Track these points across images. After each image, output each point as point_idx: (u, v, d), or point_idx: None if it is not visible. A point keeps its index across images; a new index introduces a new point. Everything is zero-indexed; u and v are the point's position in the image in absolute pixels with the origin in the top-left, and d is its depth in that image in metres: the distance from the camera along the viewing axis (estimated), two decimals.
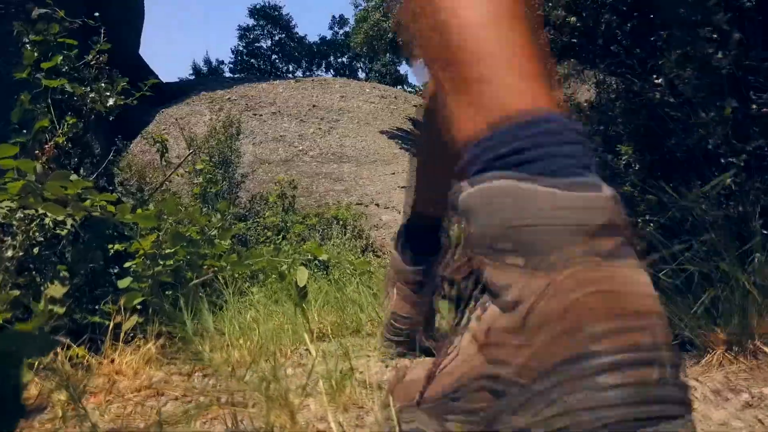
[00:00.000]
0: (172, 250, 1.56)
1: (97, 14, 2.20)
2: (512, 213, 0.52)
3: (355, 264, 3.81)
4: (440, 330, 0.95)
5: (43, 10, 10.10)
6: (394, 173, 9.97)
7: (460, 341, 0.60)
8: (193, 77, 29.57)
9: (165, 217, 1.77)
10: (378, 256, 7.69)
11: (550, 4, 2.39)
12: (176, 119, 12.13)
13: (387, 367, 1.27)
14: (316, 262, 3.76)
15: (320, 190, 9.42)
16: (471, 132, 0.59)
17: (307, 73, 29.74)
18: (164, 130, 11.81)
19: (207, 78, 17.81)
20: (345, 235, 7.60)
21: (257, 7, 29.74)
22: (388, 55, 11.39)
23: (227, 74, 30.11)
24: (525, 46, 0.60)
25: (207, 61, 29.61)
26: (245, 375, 0.97)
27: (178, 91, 16.21)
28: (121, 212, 1.50)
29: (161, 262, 1.50)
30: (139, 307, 1.42)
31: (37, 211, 1.33)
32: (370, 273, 3.59)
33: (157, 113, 12.91)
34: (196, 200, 4.62)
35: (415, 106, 14.84)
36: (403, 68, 19.31)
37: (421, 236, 1.36)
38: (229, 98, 13.12)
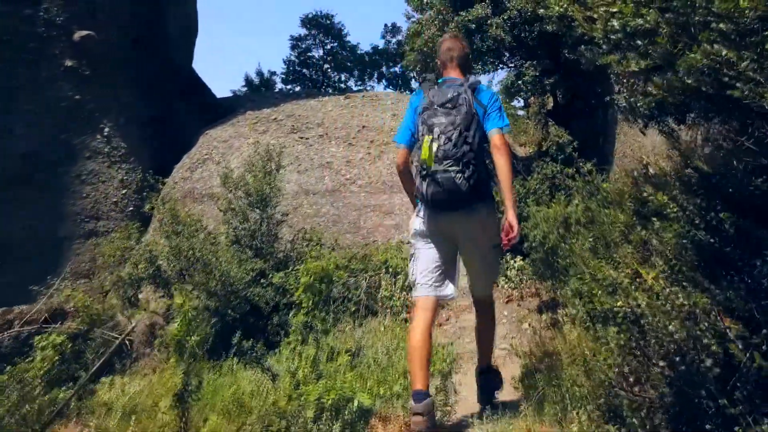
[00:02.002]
0: None
1: None
2: None
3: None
4: None
5: (85, 32, 9.50)
6: None
7: None
8: (245, 89, 29.38)
9: None
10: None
11: None
12: (218, 143, 11.52)
13: None
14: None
15: (368, 225, 8.53)
16: None
17: (359, 83, 29.00)
18: (206, 155, 11.22)
19: (255, 93, 17.29)
20: (395, 285, 6.68)
21: (309, 16, 29.29)
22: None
23: (279, 85, 29.76)
24: None
25: (259, 73, 29.28)
26: None
27: (226, 108, 15.73)
28: None
29: None
30: None
31: None
32: None
33: (201, 135, 12.36)
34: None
35: None
36: None
37: None
38: (275, 118, 12.44)
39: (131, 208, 11.22)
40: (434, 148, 3.20)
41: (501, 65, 9.53)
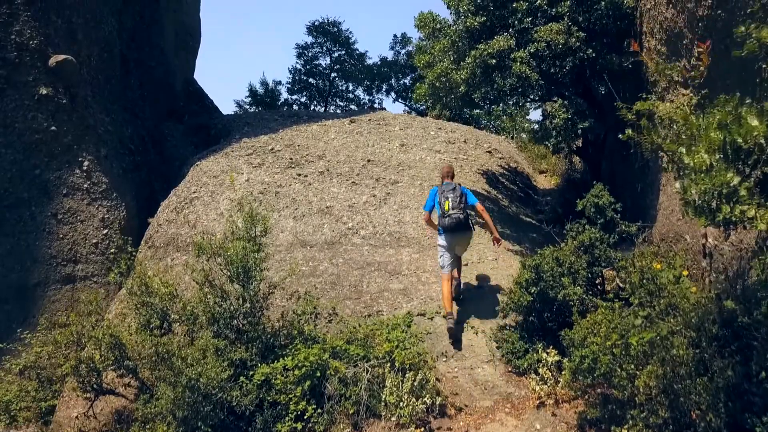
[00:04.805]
0: None
1: None
2: None
3: None
4: None
5: (62, 57, 8.09)
6: (467, 264, 7.79)
7: None
8: (249, 99, 28.36)
9: None
10: (446, 416, 5.57)
11: None
12: (209, 178, 10.41)
13: None
14: None
15: (371, 290, 7.37)
16: None
17: (367, 93, 27.84)
18: (194, 193, 10.12)
19: (253, 115, 16.18)
20: (402, 385, 5.52)
21: (315, 23, 28.18)
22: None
23: (284, 95, 28.71)
24: None
25: (264, 83, 28.21)
26: None
27: (220, 130, 14.61)
28: None
29: None
30: None
31: None
32: None
33: (191, 167, 11.27)
34: None
35: (489, 151, 12.57)
36: None
37: None
38: (272, 148, 11.33)
39: (113, 250, 10.16)
40: (450, 204, 6.68)
41: (526, 101, 8.34)
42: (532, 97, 8.57)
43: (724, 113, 2.25)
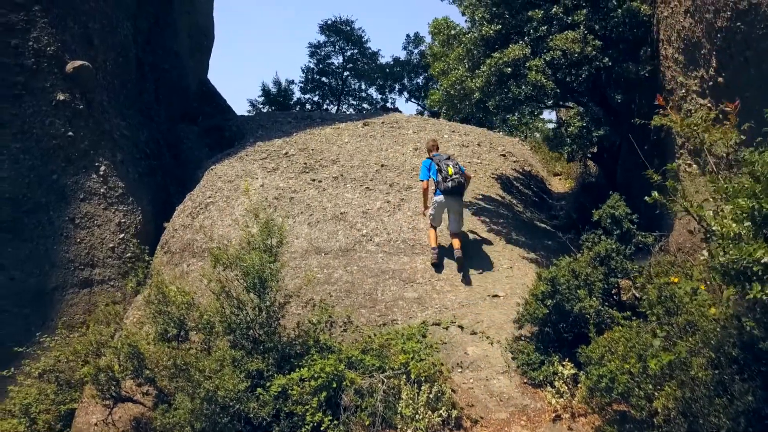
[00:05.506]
0: None
1: None
2: None
3: None
4: None
5: (79, 63, 8.17)
6: (481, 271, 7.79)
7: None
8: (262, 98, 28.44)
9: None
10: (461, 428, 5.58)
11: None
12: (223, 183, 10.48)
13: None
14: None
15: (386, 297, 7.40)
16: None
17: (380, 96, 27.84)
18: (209, 198, 10.19)
19: (267, 117, 16.20)
20: (418, 398, 5.54)
21: (328, 22, 28.20)
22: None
23: (297, 94, 28.76)
24: None
25: (276, 83, 28.28)
26: None
27: (234, 132, 14.69)
28: None
29: None
30: None
31: None
32: None
33: (206, 171, 11.35)
34: None
35: (503, 154, 12.53)
36: None
37: None
38: (286, 152, 11.37)
39: (129, 254, 10.26)
40: (453, 170, 7.73)
41: (541, 109, 8.31)
42: (547, 103, 8.54)
43: (752, 183, 2.24)
